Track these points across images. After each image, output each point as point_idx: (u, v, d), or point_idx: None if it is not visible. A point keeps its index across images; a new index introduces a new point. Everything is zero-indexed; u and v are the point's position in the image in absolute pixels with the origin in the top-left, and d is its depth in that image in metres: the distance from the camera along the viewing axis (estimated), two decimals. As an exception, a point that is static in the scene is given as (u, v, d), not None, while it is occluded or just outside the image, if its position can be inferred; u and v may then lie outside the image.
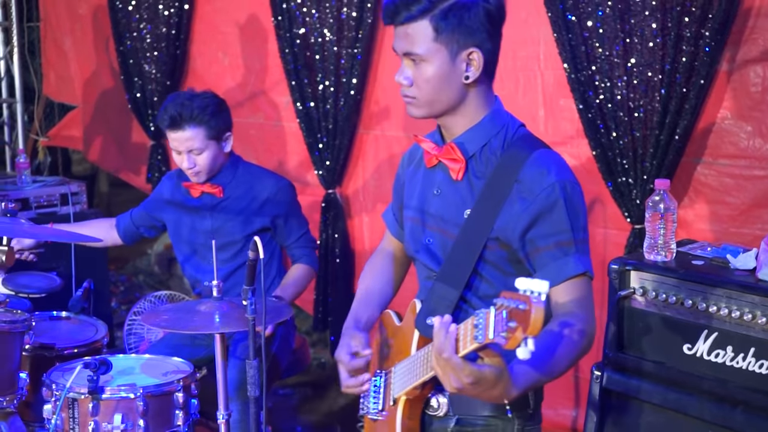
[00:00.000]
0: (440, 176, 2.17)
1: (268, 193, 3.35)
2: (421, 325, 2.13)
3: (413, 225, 2.25)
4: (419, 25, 2.03)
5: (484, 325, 1.69)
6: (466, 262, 2.09)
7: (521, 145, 2.10)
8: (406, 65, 2.08)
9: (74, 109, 6.50)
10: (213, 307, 2.67)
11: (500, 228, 2.05)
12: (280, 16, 4.47)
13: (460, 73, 2.06)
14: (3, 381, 2.82)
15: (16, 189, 4.82)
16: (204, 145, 3.24)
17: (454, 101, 2.09)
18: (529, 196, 2.02)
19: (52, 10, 6.46)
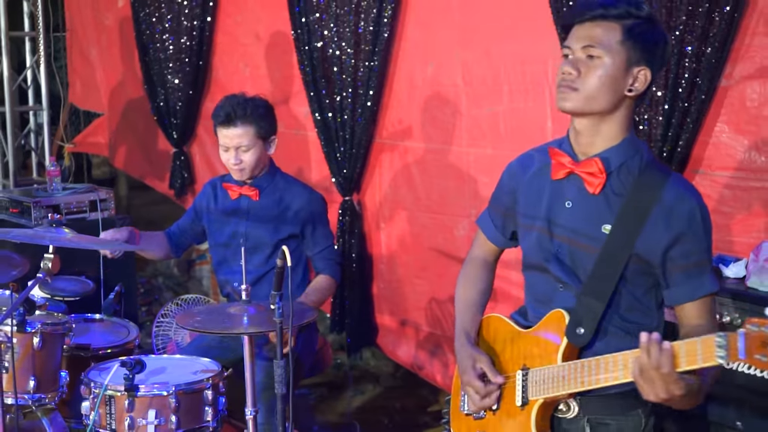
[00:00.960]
0: (572, 189, 2.28)
1: (301, 202, 3.51)
2: (571, 334, 2.23)
3: (539, 234, 2.34)
4: (610, 25, 2.18)
5: (727, 346, 1.85)
6: (609, 277, 2.21)
7: (657, 167, 2.25)
8: (578, 58, 2.20)
9: (100, 117, 6.70)
10: (242, 309, 2.84)
11: (642, 245, 2.18)
12: (299, 30, 4.64)
13: (627, 83, 2.19)
14: (47, 379, 3.00)
15: (48, 196, 5.00)
16: (252, 143, 3.43)
17: (610, 107, 2.21)
18: (671, 216, 2.16)
19: (78, 21, 6.66)
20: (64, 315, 3.17)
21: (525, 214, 2.42)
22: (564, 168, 2.29)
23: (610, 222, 2.23)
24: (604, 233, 2.23)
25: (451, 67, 4.10)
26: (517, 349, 2.39)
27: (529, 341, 2.36)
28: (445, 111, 4.16)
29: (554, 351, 2.27)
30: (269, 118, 3.52)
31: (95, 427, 2.97)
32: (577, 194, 2.28)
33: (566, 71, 2.20)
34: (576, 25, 2.24)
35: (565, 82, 2.20)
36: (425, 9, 4.19)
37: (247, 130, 3.43)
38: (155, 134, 5.97)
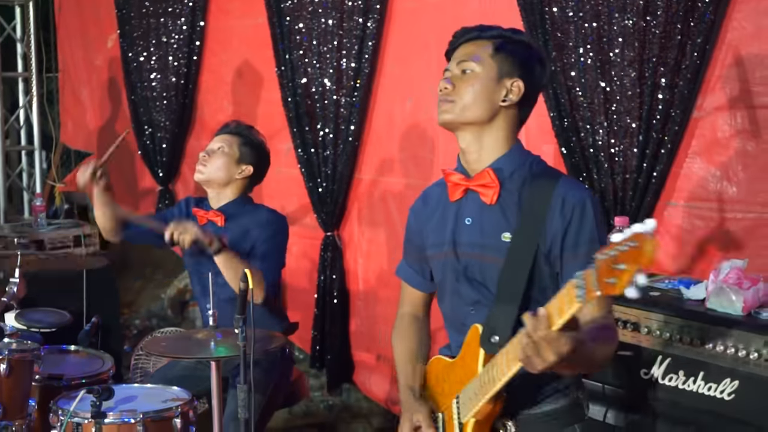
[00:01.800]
0: (470, 205, 2.31)
1: (262, 219, 3.47)
2: (485, 344, 2.22)
3: (446, 259, 2.36)
4: (482, 42, 2.30)
5: (584, 285, 1.79)
6: (518, 281, 2.22)
7: (548, 172, 2.32)
8: (454, 75, 2.30)
9: (89, 156, 6.71)
10: (210, 335, 2.81)
11: (547, 247, 2.21)
12: (283, 66, 4.67)
13: (500, 94, 2.27)
14: (14, 406, 2.96)
15: (33, 231, 5.00)
16: (228, 151, 3.47)
17: (485, 116, 2.27)
18: (563, 207, 2.20)
19: (70, 62, 6.71)
20: (34, 343, 3.12)
21: (433, 244, 2.43)
22: (458, 186, 2.33)
23: (508, 230, 2.25)
24: (504, 242, 2.25)
25: (429, 103, 4.11)
26: (452, 381, 2.36)
27: (457, 368, 2.35)
28: (423, 146, 4.16)
29: (475, 365, 2.24)
30: (256, 149, 3.56)
31: (62, 456, 2.92)
32: (475, 209, 2.31)
33: (442, 87, 2.31)
34: (456, 50, 2.35)
35: (442, 97, 2.30)
36: (404, 46, 4.22)
37: (233, 138, 3.52)
38: (141, 173, 5.98)
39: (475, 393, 2.20)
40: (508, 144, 2.31)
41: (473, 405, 2.20)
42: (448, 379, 2.38)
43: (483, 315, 2.28)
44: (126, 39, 5.78)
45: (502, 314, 2.21)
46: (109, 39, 6.14)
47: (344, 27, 4.38)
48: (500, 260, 2.24)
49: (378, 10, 4.23)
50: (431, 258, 2.44)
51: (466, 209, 2.32)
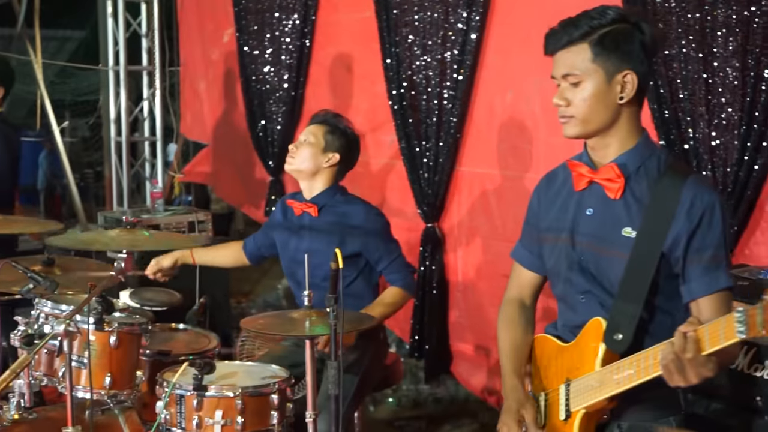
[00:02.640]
0: (593, 197, 2.33)
1: (359, 220, 3.54)
2: (609, 340, 2.23)
3: (564, 245, 2.38)
4: (578, 48, 2.24)
5: (746, 321, 1.84)
6: (642, 281, 2.22)
7: (676, 169, 2.29)
8: (564, 88, 2.29)
9: (205, 147, 6.95)
10: (305, 315, 2.90)
11: (669, 247, 2.21)
12: (388, 59, 4.74)
13: (615, 93, 2.25)
14: (122, 377, 3.11)
15: (149, 216, 5.22)
16: (315, 143, 3.56)
17: (608, 121, 2.27)
18: (691, 211, 2.19)
19: (189, 56, 6.96)
20: (142, 318, 3.27)
21: (551, 228, 2.45)
22: (583, 177, 2.34)
23: (629, 225, 2.25)
24: (625, 236, 2.25)
25: (529, 95, 4.11)
26: (561, 364, 2.38)
27: (571, 354, 2.36)
28: (523, 138, 4.17)
29: (593, 358, 2.25)
30: (342, 136, 3.61)
31: (166, 426, 3.07)
32: (598, 201, 2.32)
33: (556, 103, 2.30)
34: (554, 55, 2.31)
35: (560, 114, 2.30)
36: (505, 38, 4.23)
37: (318, 128, 3.60)
38: (253, 163, 6.16)
39: (592, 387, 2.22)
40: (634, 138, 2.30)
41: (589, 398, 2.23)
42: (556, 363, 2.40)
43: (594, 303, 2.32)
44: (242, 34, 5.97)
45: (625, 312, 2.22)
46: (225, 34, 6.35)
47: (449, 20, 4.41)
48: (618, 254, 2.25)
49: (482, 3, 4.25)
50: (545, 241, 2.47)
51: (589, 200, 2.34)
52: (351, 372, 3.38)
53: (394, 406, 5.00)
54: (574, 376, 2.30)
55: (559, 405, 2.31)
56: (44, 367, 3.11)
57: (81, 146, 12.05)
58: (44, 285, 3.20)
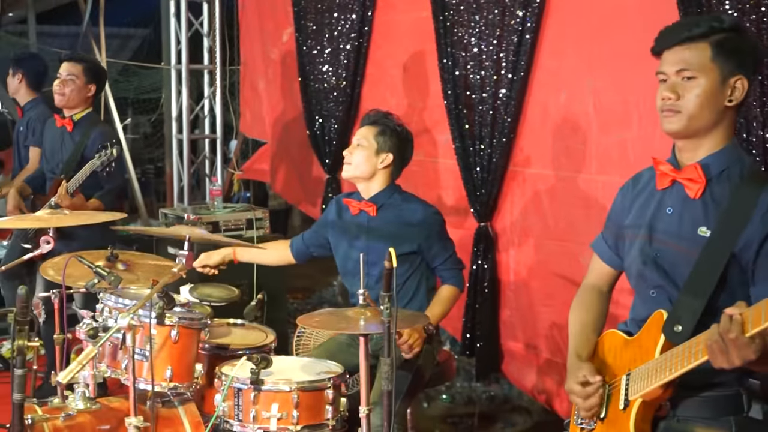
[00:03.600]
0: (674, 196, 2.38)
1: (417, 218, 3.62)
2: (668, 331, 2.28)
3: (641, 241, 2.43)
4: (698, 46, 2.27)
5: None
6: (709, 278, 2.25)
7: (758, 175, 2.31)
8: (675, 82, 2.29)
9: (264, 145, 7.06)
10: (360, 312, 2.96)
11: (741, 248, 2.24)
12: (444, 59, 4.78)
13: (725, 96, 2.28)
14: (182, 370, 3.21)
15: (209, 213, 5.33)
16: (366, 143, 3.62)
17: (711, 122, 2.30)
18: (765, 217, 2.21)
19: (250, 55, 7.07)
20: (202, 313, 3.37)
21: (632, 225, 2.50)
22: (666, 176, 2.38)
23: (705, 225, 2.28)
24: (701, 235, 2.28)
25: (583, 96, 4.12)
26: (625, 357, 2.43)
27: (634, 346, 2.41)
28: (576, 139, 4.18)
29: (653, 348, 2.30)
30: (396, 137, 3.67)
31: (224, 418, 3.17)
32: (678, 201, 2.35)
33: (666, 96, 2.29)
34: (666, 51, 2.32)
35: (667, 106, 2.29)
36: (559, 38, 4.24)
37: (369, 130, 3.65)
38: (310, 161, 6.24)
39: (648, 375, 2.26)
40: (725, 141, 2.32)
41: (645, 386, 2.27)
42: (621, 355, 2.45)
43: (663, 299, 2.37)
44: (301, 33, 6.06)
45: (688, 306, 2.26)
46: (284, 33, 6.44)
47: (505, 21, 4.43)
48: (692, 252, 2.29)
49: (537, 4, 4.26)
50: (624, 237, 2.53)
51: (669, 199, 2.38)
52: (404, 369, 3.44)
53: (448, 403, 5.04)
54: (635, 366, 2.35)
55: (620, 395, 2.36)
56: (108, 359, 3.23)
57: (143, 143, 12.30)
58: (108, 280, 3.33)
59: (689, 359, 2.14)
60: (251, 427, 3.11)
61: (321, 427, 3.17)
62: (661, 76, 2.34)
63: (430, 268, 3.70)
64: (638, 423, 2.29)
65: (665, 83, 2.32)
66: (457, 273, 3.69)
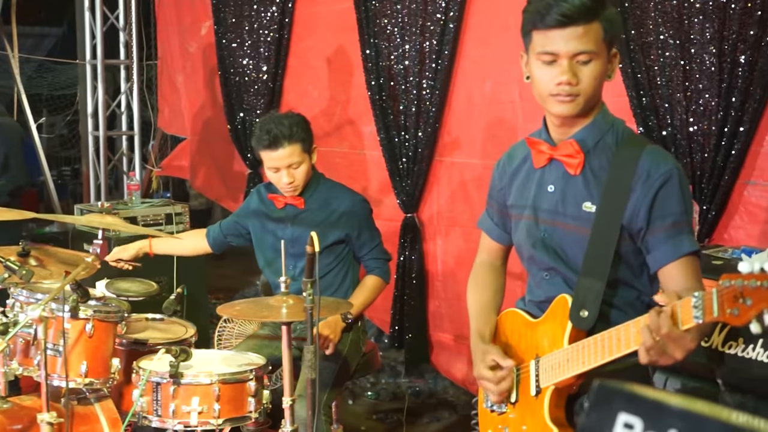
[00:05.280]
0: (553, 174, 2.31)
1: (344, 207, 3.56)
2: (575, 318, 2.23)
3: (527, 222, 2.38)
4: (592, 27, 2.14)
5: (702, 306, 1.83)
6: (605, 256, 2.20)
7: (634, 141, 2.27)
8: (570, 66, 2.14)
9: (183, 141, 6.93)
10: (282, 301, 2.90)
11: (628, 220, 2.19)
12: (368, 50, 4.75)
13: (607, 71, 2.21)
14: (98, 365, 3.09)
15: (126, 208, 5.19)
16: (301, 159, 3.49)
17: (599, 98, 2.25)
18: (648, 180, 2.17)
19: (167, 49, 6.93)
20: (117, 307, 3.26)
21: (515, 205, 2.45)
22: (543, 155, 2.32)
23: (589, 200, 2.24)
24: (586, 211, 2.24)
25: (509, 84, 4.13)
26: (530, 340, 2.39)
27: (539, 330, 2.37)
28: (502, 127, 4.18)
29: (561, 336, 2.26)
30: (309, 131, 3.56)
31: (142, 414, 3.06)
32: (558, 178, 2.31)
33: (563, 80, 2.15)
34: (553, 29, 2.15)
35: (565, 92, 2.17)
36: (484, 27, 4.24)
37: (295, 147, 3.46)
38: (231, 156, 6.15)
39: (560, 364, 2.23)
40: (594, 113, 2.26)
41: (558, 375, 2.23)
42: (525, 338, 2.41)
43: (558, 280, 2.33)
44: (220, 26, 5.96)
45: (590, 288, 2.22)
46: (203, 26, 6.33)
47: (428, 10, 4.42)
48: (582, 230, 2.25)
49: (460, -7, 4.27)
50: (513, 218, 2.47)
51: (549, 176, 2.33)
52: (330, 359, 3.38)
53: (373, 399, 5.01)
54: (543, 352, 2.32)
55: (530, 381, 2.33)
56: (20, 356, 3.09)
57: (58, 142, 11.99)
58: (20, 274, 3.19)
59: (603, 354, 2.10)
60: (171, 422, 3.00)
61: (243, 420, 3.08)
62: (545, 57, 2.16)
63: (356, 257, 3.65)
64: (552, 409, 2.27)
65: (555, 64, 2.16)
66: (383, 263, 3.65)
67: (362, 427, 4.60)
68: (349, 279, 3.63)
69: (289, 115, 3.59)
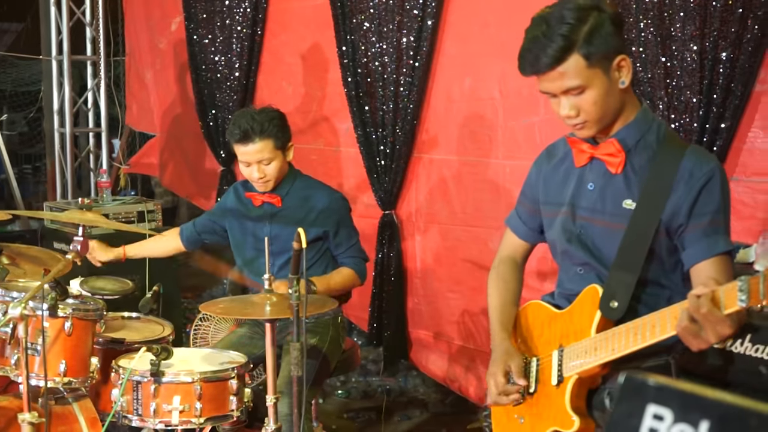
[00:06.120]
0: (594, 172, 2.35)
1: (322, 204, 3.55)
2: (605, 308, 2.26)
3: (563, 218, 2.41)
4: (571, 63, 2.16)
5: (748, 289, 1.85)
6: (639, 250, 2.24)
7: (676, 140, 2.32)
8: (567, 101, 2.22)
9: (152, 138, 6.86)
10: (265, 299, 2.87)
11: (667, 218, 2.23)
12: (344, 46, 4.73)
13: (616, 82, 2.22)
14: (77, 364, 3.05)
15: (98, 206, 5.14)
16: (273, 155, 3.47)
17: (619, 108, 2.27)
18: (691, 179, 2.21)
19: (135, 45, 6.86)
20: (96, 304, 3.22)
21: (550, 202, 2.48)
22: (584, 153, 2.36)
23: (630, 197, 2.28)
24: (626, 208, 2.28)
25: (488, 81, 4.13)
26: (554, 331, 2.42)
27: (565, 321, 2.39)
28: (482, 124, 4.19)
29: (588, 325, 2.28)
30: (284, 128, 3.53)
31: (123, 413, 3.02)
32: (599, 176, 2.35)
33: (566, 115, 2.24)
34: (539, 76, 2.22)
35: (572, 122, 2.26)
36: (463, 24, 4.24)
37: (267, 143, 3.44)
38: (203, 154, 6.10)
39: (585, 353, 2.25)
40: (633, 112, 2.30)
41: (583, 364, 2.25)
42: (549, 329, 2.43)
43: (591, 275, 2.36)
44: (191, 21, 5.90)
45: (621, 281, 2.25)
46: (173, 22, 6.27)
47: (404, 6, 4.41)
48: (619, 226, 2.28)
49: (438, -12, 4.26)
50: (546, 214, 2.50)
51: (590, 175, 2.36)
52: (311, 356, 3.36)
53: (344, 398, 5.01)
54: (567, 342, 2.34)
55: (552, 370, 2.34)
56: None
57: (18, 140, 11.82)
58: (-6, 272, 3.15)
59: (634, 341, 2.12)
60: (152, 422, 2.97)
61: (225, 419, 3.06)
62: (547, 94, 2.26)
63: (333, 255, 3.64)
64: (573, 399, 2.28)
65: (556, 99, 2.25)
66: (360, 262, 3.63)
67: (333, 426, 4.60)
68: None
69: (266, 110, 3.56)
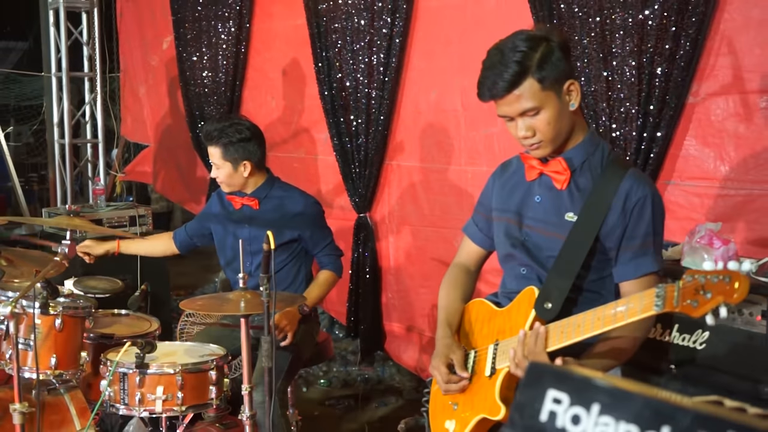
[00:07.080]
0: (542, 186, 2.41)
1: (298, 208, 3.62)
2: (539, 308, 2.33)
3: (508, 225, 2.49)
4: (525, 86, 2.21)
5: (664, 296, 1.92)
6: (575, 259, 2.31)
7: (618, 164, 2.36)
8: (523, 122, 2.26)
9: (146, 148, 6.92)
10: (240, 296, 2.95)
11: (604, 233, 2.31)
12: (320, 63, 4.82)
13: (567, 105, 2.27)
14: (67, 358, 3.12)
15: (92, 211, 5.19)
16: (220, 163, 3.55)
17: (569, 129, 2.32)
18: (626, 203, 2.28)
19: (130, 62, 6.94)
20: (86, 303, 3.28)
21: (498, 208, 2.55)
22: (534, 169, 2.42)
23: (572, 211, 2.35)
24: (567, 220, 2.35)
25: (452, 94, 4.22)
26: (493, 326, 2.48)
27: (503, 318, 2.45)
28: (446, 133, 4.28)
29: (523, 323, 2.34)
30: (240, 145, 3.52)
31: (110, 402, 3.09)
32: (545, 190, 2.41)
33: (522, 136, 2.29)
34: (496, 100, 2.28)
35: (528, 142, 2.31)
36: (428, 42, 4.33)
37: (215, 150, 3.54)
38: (193, 162, 6.17)
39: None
40: (580, 134, 2.36)
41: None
42: (489, 324, 2.49)
43: (533, 276, 2.43)
44: (181, 41, 5.98)
45: (557, 285, 2.32)
46: (164, 41, 6.35)
47: (375, 26, 4.50)
48: (559, 235, 2.35)
49: (405, 10, 4.35)
50: (495, 219, 2.57)
51: (538, 189, 2.42)
52: (284, 348, 3.44)
53: (326, 387, 5.08)
54: (503, 337, 2.40)
55: (486, 362, 2.41)
56: (-9, 351, 3.11)
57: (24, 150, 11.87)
58: (-8, 273, 3.21)
59: (560, 338, 2.20)
60: (137, 410, 3.05)
61: (205, 407, 3.14)
62: (504, 118, 2.31)
63: (310, 254, 3.71)
64: (503, 390, 2.34)
65: (513, 122, 2.29)
66: (335, 259, 3.72)
67: (315, 413, 4.67)
68: (302, 274, 3.69)
69: (239, 123, 3.57)
